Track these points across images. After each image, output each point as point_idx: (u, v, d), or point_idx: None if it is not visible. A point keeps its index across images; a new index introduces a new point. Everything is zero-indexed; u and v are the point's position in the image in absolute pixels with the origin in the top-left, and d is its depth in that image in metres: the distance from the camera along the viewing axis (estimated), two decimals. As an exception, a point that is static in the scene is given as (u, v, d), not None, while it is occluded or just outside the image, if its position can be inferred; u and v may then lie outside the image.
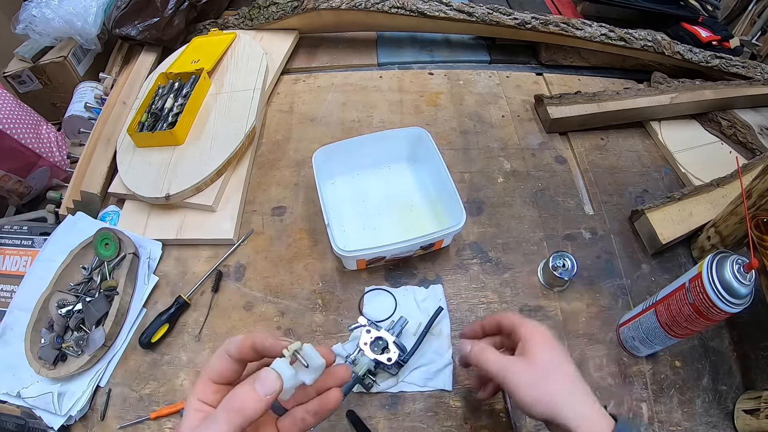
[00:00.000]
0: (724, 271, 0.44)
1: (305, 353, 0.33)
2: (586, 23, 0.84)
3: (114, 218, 0.67)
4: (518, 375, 0.38)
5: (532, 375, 0.38)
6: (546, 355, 0.39)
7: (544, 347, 0.39)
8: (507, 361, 0.40)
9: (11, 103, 0.70)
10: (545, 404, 0.36)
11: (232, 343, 0.33)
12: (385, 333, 0.52)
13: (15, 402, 0.53)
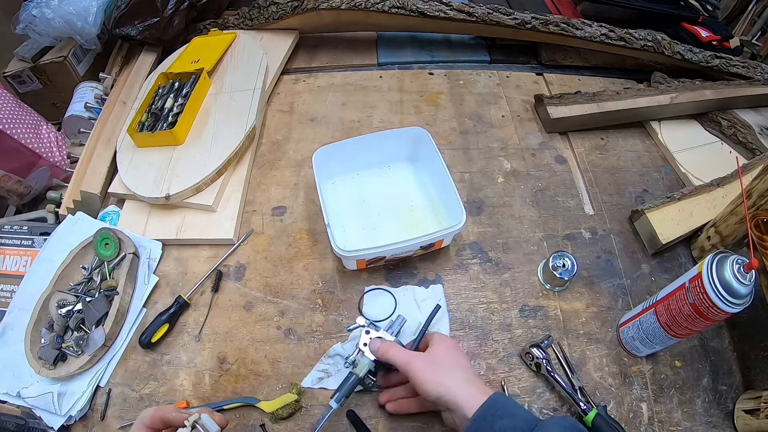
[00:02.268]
0: (724, 271, 0.44)
1: (203, 422, 0.40)
2: (586, 23, 0.84)
3: (114, 218, 0.67)
4: (420, 366, 0.45)
5: (431, 366, 0.45)
6: (443, 352, 0.47)
7: (442, 346, 0.48)
8: (411, 354, 0.47)
9: (11, 103, 0.70)
10: (440, 389, 0.43)
11: (146, 415, 0.40)
12: (384, 333, 0.52)
13: (15, 402, 0.53)
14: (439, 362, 0.46)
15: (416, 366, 0.45)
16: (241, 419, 0.52)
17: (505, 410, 0.41)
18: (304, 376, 0.54)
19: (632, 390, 0.55)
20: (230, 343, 0.57)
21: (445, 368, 0.45)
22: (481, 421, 0.40)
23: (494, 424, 0.40)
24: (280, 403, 0.51)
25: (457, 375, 0.45)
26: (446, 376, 0.44)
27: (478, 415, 0.41)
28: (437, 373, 0.44)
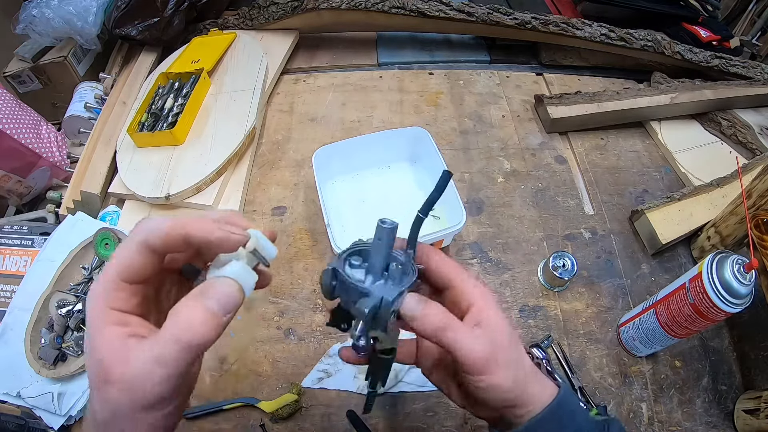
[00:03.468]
0: (724, 271, 0.44)
1: (262, 246, 0.26)
2: (586, 23, 0.84)
3: (114, 218, 0.67)
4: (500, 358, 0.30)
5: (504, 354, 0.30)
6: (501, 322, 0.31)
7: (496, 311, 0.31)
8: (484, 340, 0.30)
9: (11, 103, 0.70)
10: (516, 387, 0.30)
11: (152, 231, 0.24)
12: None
13: (15, 402, 0.53)
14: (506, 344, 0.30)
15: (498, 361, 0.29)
16: (241, 419, 0.52)
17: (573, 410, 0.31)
18: (304, 376, 0.54)
19: (632, 390, 0.55)
20: (230, 343, 0.57)
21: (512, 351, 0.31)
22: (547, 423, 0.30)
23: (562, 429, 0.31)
24: (280, 403, 0.51)
25: (525, 357, 0.32)
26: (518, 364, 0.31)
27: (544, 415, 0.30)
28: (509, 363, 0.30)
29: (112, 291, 0.24)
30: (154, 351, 0.22)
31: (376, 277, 0.30)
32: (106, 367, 0.22)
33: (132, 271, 0.24)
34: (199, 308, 0.23)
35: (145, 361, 0.22)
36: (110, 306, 0.23)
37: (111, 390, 0.22)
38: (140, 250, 0.24)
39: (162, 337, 0.22)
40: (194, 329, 0.22)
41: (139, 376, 0.22)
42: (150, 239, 0.24)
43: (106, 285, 0.24)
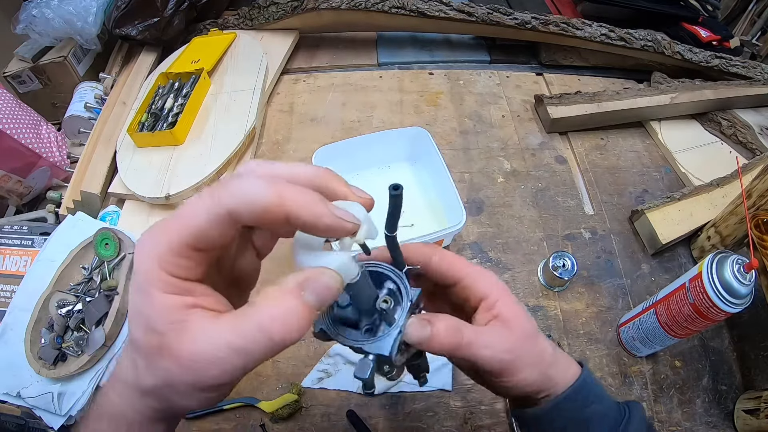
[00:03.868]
0: (724, 271, 0.44)
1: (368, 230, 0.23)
2: (586, 23, 0.84)
3: (114, 218, 0.67)
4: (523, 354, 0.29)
5: (526, 348, 0.29)
6: (525, 315, 0.30)
7: (518, 306, 0.30)
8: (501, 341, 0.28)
9: (11, 103, 0.70)
10: (542, 376, 0.29)
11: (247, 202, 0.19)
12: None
13: (15, 402, 0.53)
14: (527, 335, 0.29)
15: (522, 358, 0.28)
16: (241, 419, 0.52)
17: (595, 392, 0.31)
18: (304, 376, 0.54)
19: (632, 390, 0.55)
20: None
21: (534, 342, 0.30)
22: (570, 402, 0.29)
23: (585, 409, 0.30)
24: (280, 403, 0.51)
25: (545, 344, 0.30)
26: (541, 354, 0.30)
27: (568, 395, 0.29)
28: (533, 356, 0.29)
29: (173, 256, 0.20)
30: (236, 340, 0.20)
31: (366, 314, 0.27)
32: (163, 338, 0.20)
33: (206, 239, 0.20)
34: (298, 302, 0.20)
35: (220, 347, 0.19)
36: (169, 271, 0.20)
37: (169, 363, 0.20)
38: (221, 219, 0.20)
39: (248, 326, 0.20)
40: (290, 325, 0.20)
41: (210, 360, 0.19)
42: (241, 211, 0.19)
43: (167, 247, 0.20)
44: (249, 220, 0.20)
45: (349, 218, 0.21)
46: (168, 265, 0.20)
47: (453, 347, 0.27)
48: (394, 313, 0.27)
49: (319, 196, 0.21)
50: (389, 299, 0.27)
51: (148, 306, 0.20)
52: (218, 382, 0.20)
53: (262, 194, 0.19)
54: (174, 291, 0.20)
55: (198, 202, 0.20)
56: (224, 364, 0.20)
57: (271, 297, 0.21)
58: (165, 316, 0.20)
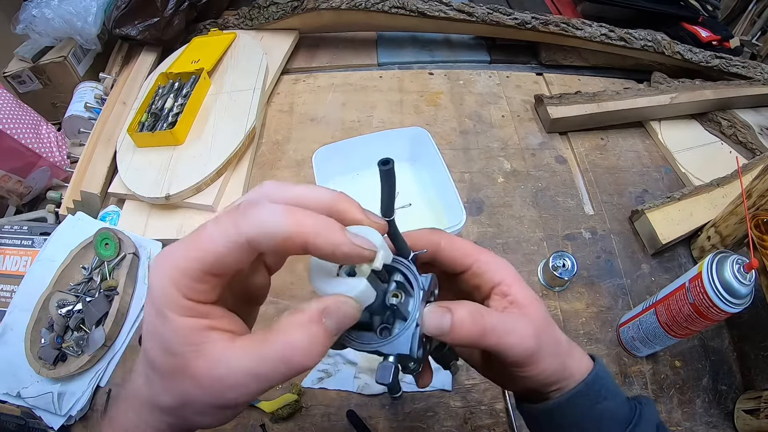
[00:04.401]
0: (724, 271, 0.44)
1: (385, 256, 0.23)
2: (586, 23, 0.84)
3: (114, 218, 0.67)
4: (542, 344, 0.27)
5: (550, 340, 0.28)
6: (539, 303, 0.29)
7: (532, 294, 0.29)
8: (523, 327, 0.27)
9: (11, 103, 0.70)
10: (560, 367, 0.28)
11: (266, 232, 0.20)
12: None
13: (15, 402, 0.53)
14: (545, 324, 0.28)
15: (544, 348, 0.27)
16: (241, 419, 0.52)
17: (607, 387, 0.29)
18: (304, 376, 0.54)
19: (632, 390, 0.55)
20: (230, 343, 0.57)
21: (551, 331, 0.29)
22: (583, 397, 0.28)
23: (597, 404, 0.29)
24: (280, 403, 0.51)
25: (559, 333, 0.29)
26: (558, 344, 0.29)
27: (581, 389, 0.28)
28: (552, 346, 0.28)
29: (191, 281, 0.20)
30: (255, 366, 0.20)
31: (379, 313, 0.26)
32: (180, 359, 0.20)
33: (223, 266, 0.20)
34: (318, 330, 0.20)
35: (239, 371, 0.20)
36: (186, 296, 0.20)
37: (187, 385, 0.20)
38: (240, 247, 0.20)
39: (270, 353, 0.20)
40: (310, 352, 0.20)
41: (228, 383, 0.20)
42: (258, 240, 0.20)
43: (183, 271, 0.20)
44: (268, 248, 0.20)
45: (366, 246, 0.22)
46: (185, 289, 0.20)
47: (478, 335, 0.25)
48: (407, 306, 0.25)
49: (337, 224, 0.21)
50: (399, 293, 0.25)
51: (166, 328, 0.20)
52: (236, 403, 0.21)
53: (281, 224, 0.20)
54: (191, 314, 0.20)
55: (216, 229, 0.20)
56: (243, 388, 0.20)
57: (294, 325, 0.21)
58: (183, 338, 0.20)
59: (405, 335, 0.25)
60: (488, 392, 0.54)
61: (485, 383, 0.54)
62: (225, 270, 0.21)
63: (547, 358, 0.27)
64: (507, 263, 0.29)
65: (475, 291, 0.29)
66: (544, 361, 0.27)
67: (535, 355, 0.26)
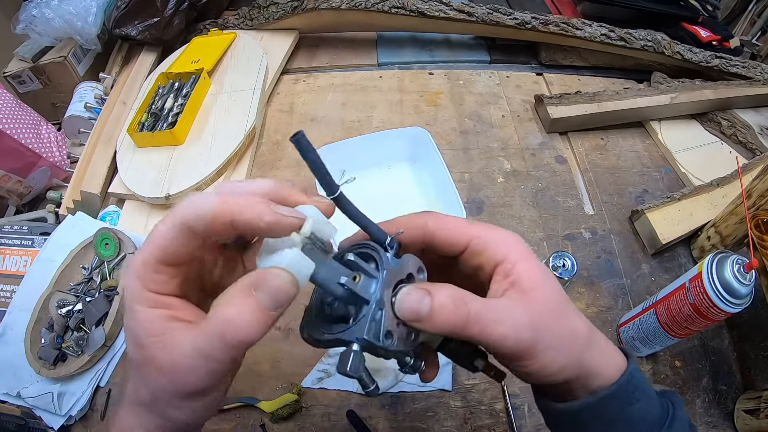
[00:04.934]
0: (724, 271, 0.44)
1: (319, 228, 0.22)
2: (586, 23, 0.84)
3: (114, 218, 0.67)
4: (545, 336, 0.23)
5: (557, 329, 0.24)
6: (550, 283, 0.25)
7: (543, 271, 0.25)
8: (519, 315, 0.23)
9: (11, 103, 0.70)
10: (574, 363, 0.24)
11: (196, 213, 0.21)
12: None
13: (15, 402, 0.53)
14: (552, 309, 0.24)
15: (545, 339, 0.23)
16: (241, 419, 0.52)
17: (641, 387, 0.26)
18: (304, 376, 0.54)
19: (632, 390, 0.55)
20: (230, 343, 0.57)
21: (561, 318, 0.25)
22: (615, 400, 0.25)
23: (629, 406, 0.25)
24: (280, 403, 0.51)
25: (579, 321, 0.25)
26: (571, 335, 0.25)
27: (614, 391, 0.25)
28: (559, 337, 0.24)
29: (149, 273, 0.22)
30: (198, 344, 0.21)
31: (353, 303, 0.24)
32: (147, 350, 0.21)
33: (171, 253, 0.22)
34: (248, 303, 0.21)
35: (188, 353, 0.21)
36: (148, 288, 0.22)
37: (152, 373, 0.21)
38: (180, 232, 0.21)
39: (207, 330, 0.21)
40: (242, 326, 0.20)
41: (181, 366, 0.21)
42: (192, 222, 0.21)
43: (143, 266, 0.22)
44: (203, 229, 0.21)
45: (290, 214, 0.22)
46: (146, 281, 0.22)
47: (460, 323, 0.22)
48: (368, 288, 0.23)
49: (263, 200, 0.22)
50: (358, 276, 0.23)
51: (134, 321, 0.22)
52: (195, 388, 0.21)
53: (208, 204, 0.21)
54: (153, 305, 0.22)
55: (160, 223, 0.22)
56: (195, 369, 0.21)
57: (227, 301, 0.21)
58: (147, 329, 0.21)
59: (364, 320, 0.22)
60: (488, 392, 0.54)
61: (485, 383, 0.54)
62: (174, 257, 0.22)
63: (552, 352, 0.23)
64: (512, 235, 0.25)
65: (479, 273, 0.26)
66: (546, 356, 0.23)
67: (531, 349, 0.23)
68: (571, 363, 0.24)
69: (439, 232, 0.26)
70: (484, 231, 0.26)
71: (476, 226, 0.26)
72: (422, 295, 0.23)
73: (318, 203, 0.24)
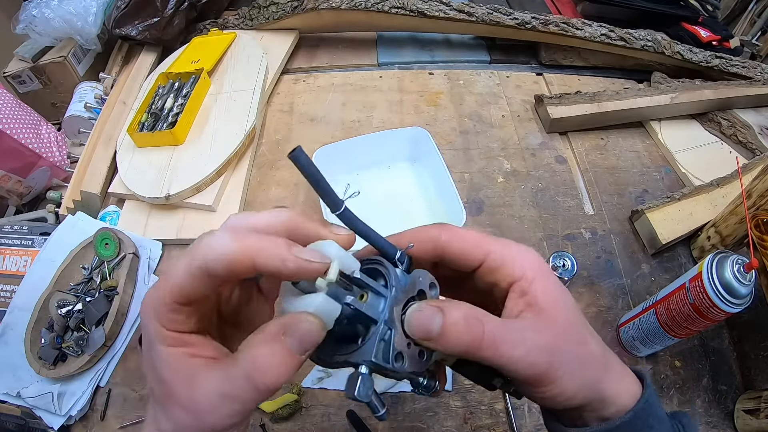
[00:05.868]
0: (724, 271, 0.44)
1: (344, 266, 0.21)
2: (586, 23, 0.84)
3: (114, 218, 0.67)
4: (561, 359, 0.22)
5: (574, 353, 0.23)
6: (568, 304, 0.24)
7: (560, 290, 0.24)
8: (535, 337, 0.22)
9: (11, 103, 0.70)
10: (585, 387, 0.23)
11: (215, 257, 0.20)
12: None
13: (15, 402, 0.53)
14: (569, 333, 0.23)
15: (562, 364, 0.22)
16: (241, 419, 0.52)
17: (656, 414, 0.25)
18: (304, 376, 0.54)
19: (632, 390, 0.55)
20: (230, 343, 0.57)
21: (578, 342, 0.24)
22: (629, 428, 0.24)
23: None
24: (280, 403, 0.51)
25: (594, 344, 0.25)
26: (588, 359, 0.24)
27: (628, 420, 0.24)
28: (576, 361, 0.23)
29: (166, 312, 0.21)
30: (224, 387, 0.21)
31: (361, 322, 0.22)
32: (169, 387, 0.21)
33: (188, 294, 0.21)
34: (279, 348, 0.20)
35: (212, 393, 0.21)
36: (166, 327, 0.21)
37: (175, 409, 0.21)
38: (198, 275, 0.21)
39: (234, 373, 0.21)
40: (272, 371, 0.20)
41: (205, 405, 0.21)
42: (211, 266, 0.20)
43: (160, 305, 0.21)
44: (222, 273, 0.20)
45: (315, 258, 0.21)
46: (164, 321, 0.21)
47: (473, 345, 0.21)
48: (376, 307, 0.22)
49: (284, 241, 0.21)
50: (365, 293, 0.22)
51: (156, 360, 0.22)
52: (219, 427, 0.21)
53: (227, 247, 0.20)
54: (174, 343, 0.22)
55: (180, 263, 0.21)
56: (219, 410, 0.21)
57: (253, 344, 0.21)
58: (168, 366, 0.21)
59: (372, 340, 0.21)
60: (488, 392, 0.54)
61: (485, 383, 0.54)
62: (190, 298, 0.21)
63: (568, 377, 0.22)
64: (529, 251, 0.24)
65: (494, 290, 0.25)
66: (564, 381, 0.22)
67: (547, 374, 0.22)
68: (586, 387, 0.23)
69: (452, 246, 0.25)
70: (500, 246, 0.24)
71: (492, 240, 0.25)
72: (433, 312, 0.22)
73: (337, 236, 0.23)
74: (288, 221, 0.23)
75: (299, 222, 0.23)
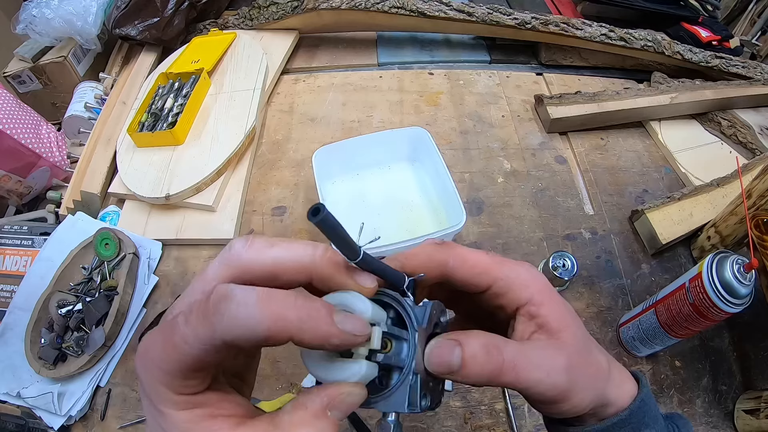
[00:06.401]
0: (724, 271, 0.44)
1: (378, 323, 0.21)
2: (586, 23, 0.84)
3: (114, 218, 0.67)
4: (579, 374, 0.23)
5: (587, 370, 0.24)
6: (575, 322, 0.24)
7: (567, 310, 0.25)
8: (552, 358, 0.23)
9: (11, 103, 0.70)
10: (597, 395, 0.24)
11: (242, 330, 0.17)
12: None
13: (15, 402, 0.53)
14: (580, 350, 0.24)
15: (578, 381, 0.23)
16: (241, 419, 0.52)
17: (651, 413, 0.26)
18: (304, 376, 0.54)
19: (632, 390, 0.55)
20: (230, 343, 0.57)
21: (587, 351, 0.25)
22: (624, 426, 0.25)
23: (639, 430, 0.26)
24: (280, 403, 0.51)
25: (599, 355, 0.26)
26: (597, 373, 0.25)
27: (624, 418, 0.25)
28: (589, 377, 0.24)
29: (177, 380, 0.19)
30: None
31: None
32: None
33: (206, 365, 0.19)
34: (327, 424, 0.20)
35: None
36: (177, 392, 0.19)
37: None
38: (222, 348, 0.18)
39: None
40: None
41: None
42: (240, 342, 0.18)
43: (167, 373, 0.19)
44: (248, 345, 0.18)
45: (359, 330, 0.19)
46: (174, 387, 0.19)
47: (494, 372, 0.21)
48: (400, 353, 0.22)
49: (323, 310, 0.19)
50: (389, 341, 0.22)
51: (166, 424, 0.19)
52: None
53: (259, 321, 0.17)
54: (187, 407, 0.19)
55: (189, 331, 0.18)
56: None
57: (299, 424, 0.19)
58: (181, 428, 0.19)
59: (401, 390, 0.21)
60: (488, 392, 0.54)
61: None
62: (208, 367, 0.19)
63: (583, 393, 0.23)
64: (535, 274, 0.25)
65: (499, 311, 0.25)
66: (578, 396, 0.23)
67: (566, 393, 0.22)
68: (594, 400, 0.24)
69: (459, 272, 0.24)
70: (507, 272, 0.24)
71: (499, 265, 0.24)
72: (452, 346, 0.21)
73: (363, 288, 0.22)
74: (311, 265, 0.21)
75: (324, 267, 0.21)
